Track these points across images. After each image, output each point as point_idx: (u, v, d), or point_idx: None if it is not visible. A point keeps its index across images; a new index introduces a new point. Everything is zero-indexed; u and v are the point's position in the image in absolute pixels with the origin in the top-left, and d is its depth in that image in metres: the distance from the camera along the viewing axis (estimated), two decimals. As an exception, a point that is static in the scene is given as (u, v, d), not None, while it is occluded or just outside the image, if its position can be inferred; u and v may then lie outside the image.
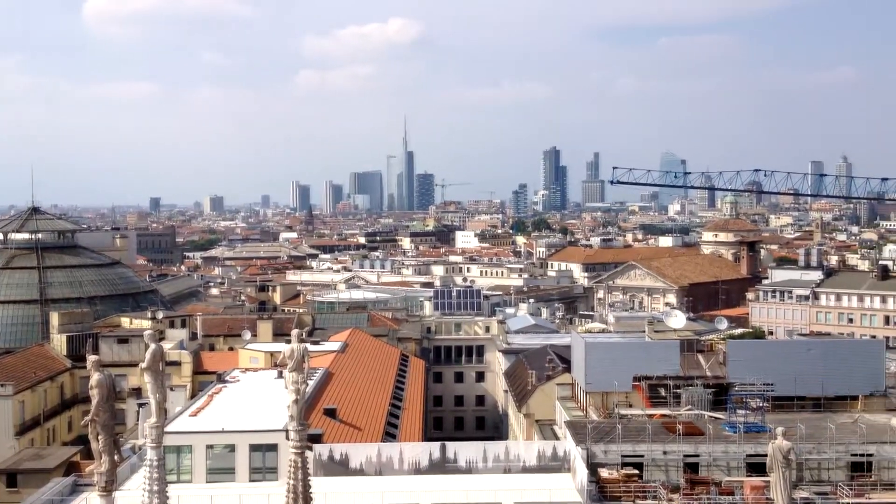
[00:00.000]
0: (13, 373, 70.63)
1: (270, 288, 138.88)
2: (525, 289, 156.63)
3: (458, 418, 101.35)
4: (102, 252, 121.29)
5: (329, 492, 39.36)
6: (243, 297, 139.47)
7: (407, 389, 69.90)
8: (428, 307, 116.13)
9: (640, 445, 44.82)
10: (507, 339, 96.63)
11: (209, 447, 45.65)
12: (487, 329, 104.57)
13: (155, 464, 27.71)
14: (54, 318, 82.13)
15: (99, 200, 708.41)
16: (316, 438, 45.38)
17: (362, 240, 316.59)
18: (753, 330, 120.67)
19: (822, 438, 44.97)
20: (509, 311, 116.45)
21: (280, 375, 54.05)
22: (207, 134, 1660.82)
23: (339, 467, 45.31)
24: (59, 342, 79.33)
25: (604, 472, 43.53)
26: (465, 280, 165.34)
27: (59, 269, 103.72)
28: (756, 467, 43.37)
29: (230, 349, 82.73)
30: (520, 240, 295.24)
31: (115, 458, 28.02)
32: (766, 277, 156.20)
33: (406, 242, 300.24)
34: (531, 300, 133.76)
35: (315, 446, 44.08)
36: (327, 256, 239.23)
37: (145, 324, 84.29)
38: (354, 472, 45.37)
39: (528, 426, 65.25)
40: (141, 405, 55.58)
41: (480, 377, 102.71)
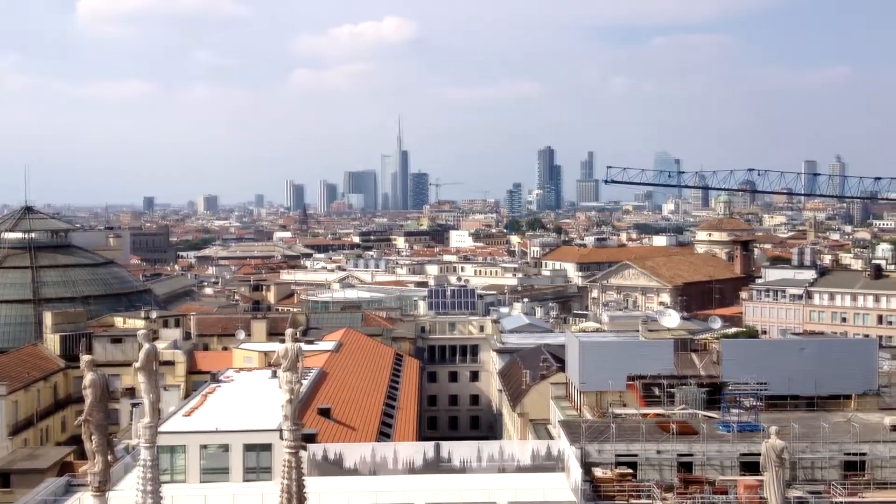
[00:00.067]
0: (6, 373, 70.51)
1: (264, 287, 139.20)
2: (519, 288, 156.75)
3: (452, 418, 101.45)
4: (96, 251, 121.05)
5: (323, 491, 39.41)
6: (237, 297, 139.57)
7: (401, 389, 69.94)
8: (422, 307, 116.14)
9: (635, 445, 44.78)
10: (501, 339, 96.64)
11: (203, 447, 45.56)
12: (482, 328, 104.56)
13: (149, 464, 27.68)
14: (48, 317, 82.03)
15: (93, 200, 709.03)
16: (310, 438, 45.29)
17: (356, 239, 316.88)
18: (747, 329, 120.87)
19: (815, 437, 44.97)
20: (504, 310, 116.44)
21: (274, 375, 54.00)
22: (201, 133, 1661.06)
23: (333, 467, 45.33)
24: (52, 342, 79.19)
25: (598, 472, 43.50)
26: (459, 279, 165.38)
27: (53, 269, 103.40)
28: (750, 466, 43.33)
29: (224, 349, 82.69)
30: (514, 239, 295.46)
31: (109, 458, 28.02)
32: (760, 277, 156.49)
33: (400, 242, 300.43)
34: (525, 299, 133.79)
35: (309, 446, 44.00)
36: (321, 256, 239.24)
37: (139, 323, 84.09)
38: (349, 471, 45.39)
39: (522, 426, 65.28)
40: (135, 405, 55.46)
41: (475, 377, 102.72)
